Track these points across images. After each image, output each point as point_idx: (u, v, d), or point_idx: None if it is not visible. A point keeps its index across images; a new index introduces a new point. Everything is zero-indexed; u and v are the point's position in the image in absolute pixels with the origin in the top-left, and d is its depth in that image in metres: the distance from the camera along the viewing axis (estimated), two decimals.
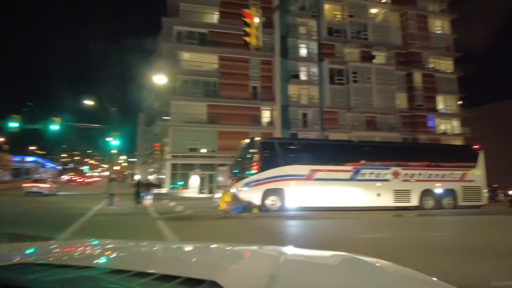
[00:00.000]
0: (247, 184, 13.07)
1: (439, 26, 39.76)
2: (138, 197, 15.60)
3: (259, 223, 10.40)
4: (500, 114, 43.34)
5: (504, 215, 14.81)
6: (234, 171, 14.02)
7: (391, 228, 9.84)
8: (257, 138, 13.78)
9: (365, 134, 31.76)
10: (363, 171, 14.27)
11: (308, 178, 13.65)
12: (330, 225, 10.45)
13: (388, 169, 14.62)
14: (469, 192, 15.72)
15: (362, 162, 14.34)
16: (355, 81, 33.80)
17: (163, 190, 29.31)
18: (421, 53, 37.60)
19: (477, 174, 16.04)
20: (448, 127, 37.17)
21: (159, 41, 33.89)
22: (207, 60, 31.94)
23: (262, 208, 12.90)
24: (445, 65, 38.87)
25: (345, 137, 30.81)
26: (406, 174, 14.82)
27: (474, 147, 16.58)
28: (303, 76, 34.33)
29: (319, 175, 13.74)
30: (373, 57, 35.55)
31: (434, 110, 36.91)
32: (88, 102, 31.09)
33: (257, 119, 32.08)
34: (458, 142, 34.61)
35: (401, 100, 36.12)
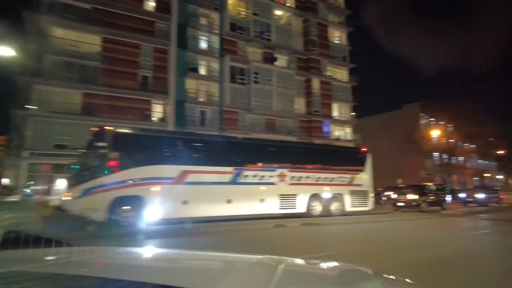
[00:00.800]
0: (88, 190, 9.47)
1: (337, 36, 41.64)
2: None
3: None
4: (385, 123, 47.84)
5: (394, 220, 14.14)
6: (72, 167, 10.25)
7: (265, 245, 7.61)
8: (108, 128, 10.29)
9: (264, 137, 30.51)
10: (246, 173, 12.06)
11: (177, 181, 10.77)
12: (191, 245, 7.72)
13: (274, 171, 12.73)
14: (357, 197, 15.00)
15: (245, 162, 12.14)
16: (256, 82, 32.51)
17: (14, 198, 22.96)
18: (320, 61, 38.58)
19: (365, 178, 15.47)
20: (342, 133, 38.85)
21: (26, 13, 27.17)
22: (87, 41, 26.68)
23: (108, 223, 9.47)
24: (341, 74, 40.80)
25: None
26: (293, 177, 13.16)
27: (362, 149, 16.06)
28: (202, 71, 31.58)
29: (192, 177, 10.98)
30: (275, 59, 34.96)
31: (329, 116, 38.13)
32: None
33: (146, 114, 27.98)
34: None
35: (300, 105, 36.29)
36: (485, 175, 59.91)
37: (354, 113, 40.81)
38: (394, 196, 20.21)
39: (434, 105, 46.42)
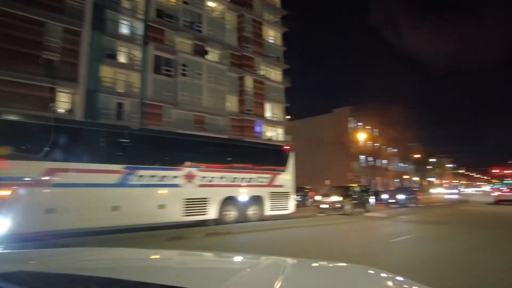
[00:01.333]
0: None
1: (272, 36, 40.98)
2: None
3: None
4: (317, 126, 48.64)
5: (315, 225, 12.90)
6: None
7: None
8: None
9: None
10: (141, 172, 9.83)
11: (40, 183, 8.16)
12: None
13: (179, 170, 10.71)
14: (278, 199, 13.61)
15: (141, 159, 9.94)
16: (184, 75, 30.04)
17: None
18: (254, 59, 37.44)
19: (287, 178, 14.18)
20: (274, 134, 38.15)
21: None
22: None
23: None
24: (275, 74, 40.19)
25: None
26: (203, 178, 11.26)
27: (285, 147, 14.76)
28: (122, 58, 28.18)
29: (62, 178, 8.44)
30: (206, 52, 32.84)
31: (262, 116, 37.17)
32: None
33: (50, 104, 23.83)
34: None
35: (232, 103, 34.69)
36: (404, 177, 64.75)
37: (287, 115, 40.54)
38: (318, 197, 19.47)
39: (362, 110, 48.40)
